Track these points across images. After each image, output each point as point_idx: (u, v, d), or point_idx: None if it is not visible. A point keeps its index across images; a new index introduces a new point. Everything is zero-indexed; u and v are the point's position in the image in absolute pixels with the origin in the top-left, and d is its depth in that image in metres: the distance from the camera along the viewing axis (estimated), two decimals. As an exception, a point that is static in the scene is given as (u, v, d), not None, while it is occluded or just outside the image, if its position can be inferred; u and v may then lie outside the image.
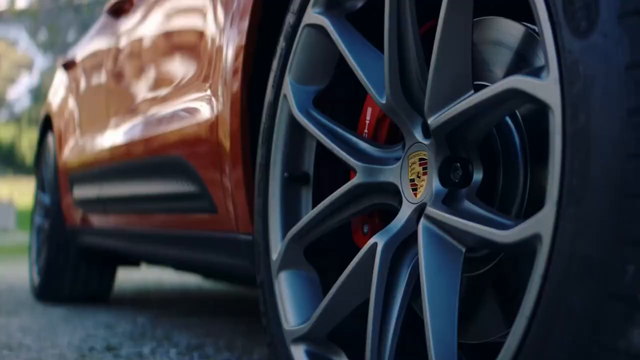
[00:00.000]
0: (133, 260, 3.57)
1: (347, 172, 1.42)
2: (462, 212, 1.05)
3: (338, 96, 1.43)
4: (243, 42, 1.58)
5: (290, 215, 1.44)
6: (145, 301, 4.05)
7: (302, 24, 1.39)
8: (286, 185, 1.45)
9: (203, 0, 1.91)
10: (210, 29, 1.82)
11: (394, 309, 1.15)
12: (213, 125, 1.77)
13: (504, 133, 1.12)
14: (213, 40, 1.79)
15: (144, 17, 2.46)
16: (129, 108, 2.53)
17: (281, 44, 1.45)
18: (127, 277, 5.39)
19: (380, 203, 1.27)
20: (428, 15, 1.24)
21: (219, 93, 1.71)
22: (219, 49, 1.73)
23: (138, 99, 2.44)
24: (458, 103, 1.03)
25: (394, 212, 1.27)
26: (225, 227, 1.83)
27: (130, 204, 2.58)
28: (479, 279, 1.17)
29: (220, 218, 1.85)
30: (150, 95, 2.30)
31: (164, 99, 2.14)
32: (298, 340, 1.34)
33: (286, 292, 1.40)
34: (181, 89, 2.02)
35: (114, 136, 2.68)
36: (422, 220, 1.10)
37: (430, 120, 1.09)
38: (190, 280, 5.38)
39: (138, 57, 2.47)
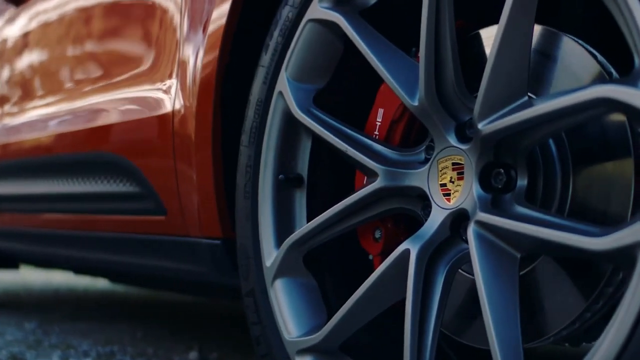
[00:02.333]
0: (14, 262, 3.33)
1: (345, 175, 1.38)
2: (519, 218, 1.03)
3: (338, 96, 1.37)
4: (221, 28, 1.48)
5: (283, 220, 1.37)
6: (18, 304, 3.80)
7: (304, 19, 1.32)
8: (279, 187, 1.38)
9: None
10: (174, 13, 1.69)
11: (431, 318, 1.12)
12: (171, 120, 1.66)
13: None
14: (174, 23, 1.68)
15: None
16: (38, 100, 2.34)
17: (276, 38, 1.37)
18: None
19: (399, 208, 1.23)
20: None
21: (185, 83, 1.60)
22: (184, 33, 1.62)
23: (51, 90, 2.26)
24: (523, 109, 1.01)
25: (410, 216, 1.24)
26: (176, 231, 1.73)
27: (32, 203, 2.39)
28: None
29: (170, 221, 1.74)
30: (76, 86, 2.13)
31: (97, 91, 1.99)
32: (305, 351, 1.27)
33: (284, 301, 1.33)
34: (123, 79, 1.88)
35: (14, 130, 2.47)
36: (473, 227, 1.07)
37: (481, 126, 1.06)
38: (57, 279, 5.11)
39: (57, 43, 2.28)
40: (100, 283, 4.74)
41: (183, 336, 2.83)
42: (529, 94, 1.13)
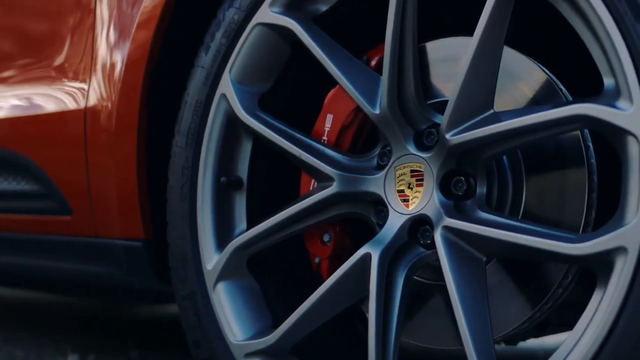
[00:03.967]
0: None
1: (283, 178, 1.39)
2: (486, 223, 1.09)
3: (281, 99, 1.38)
4: (157, 15, 1.44)
5: (223, 222, 1.36)
6: None
7: (252, 22, 1.32)
8: (219, 190, 1.37)
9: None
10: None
11: (393, 318, 1.16)
12: (83, 117, 1.60)
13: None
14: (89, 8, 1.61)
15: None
16: None
17: (219, 39, 1.36)
18: None
19: (351, 212, 1.26)
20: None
21: (104, 76, 1.54)
22: (103, 22, 1.56)
23: None
24: (491, 121, 1.07)
25: (360, 220, 1.27)
26: (84, 232, 1.67)
27: None
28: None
29: (77, 221, 1.68)
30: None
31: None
32: (254, 354, 1.27)
33: (228, 304, 1.33)
34: (27, 71, 1.77)
35: None
36: (441, 232, 1.12)
37: (449, 135, 1.11)
38: None
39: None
40: None
41: (50, 338, 2.71)
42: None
